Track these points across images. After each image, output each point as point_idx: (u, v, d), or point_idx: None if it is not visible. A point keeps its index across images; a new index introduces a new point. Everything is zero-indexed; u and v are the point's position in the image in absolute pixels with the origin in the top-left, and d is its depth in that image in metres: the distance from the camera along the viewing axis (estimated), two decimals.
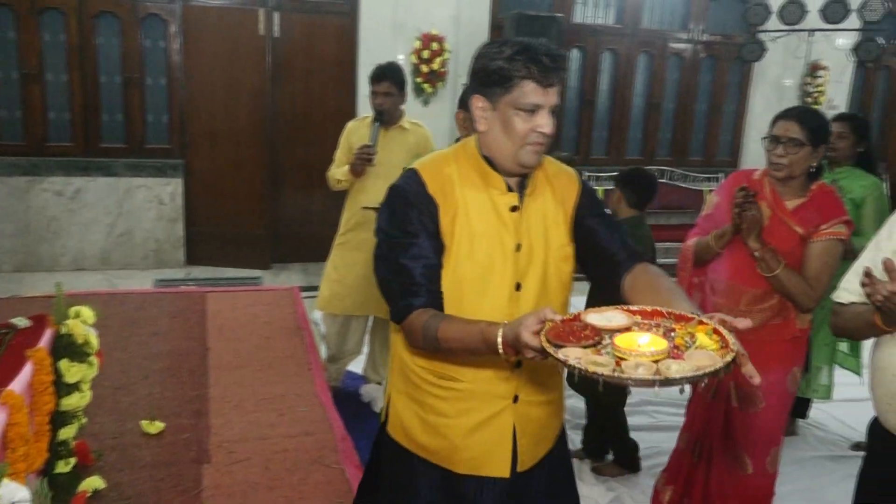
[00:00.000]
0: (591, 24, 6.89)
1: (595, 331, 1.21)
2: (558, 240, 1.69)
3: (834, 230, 2.30)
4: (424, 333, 1.52)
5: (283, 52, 5.94)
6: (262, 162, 5.94)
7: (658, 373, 1.08)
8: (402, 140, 3.61)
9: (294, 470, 2.02)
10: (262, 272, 5.93)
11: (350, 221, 3.67)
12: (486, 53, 1.56)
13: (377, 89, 3.55)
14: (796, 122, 2.30)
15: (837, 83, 7.28)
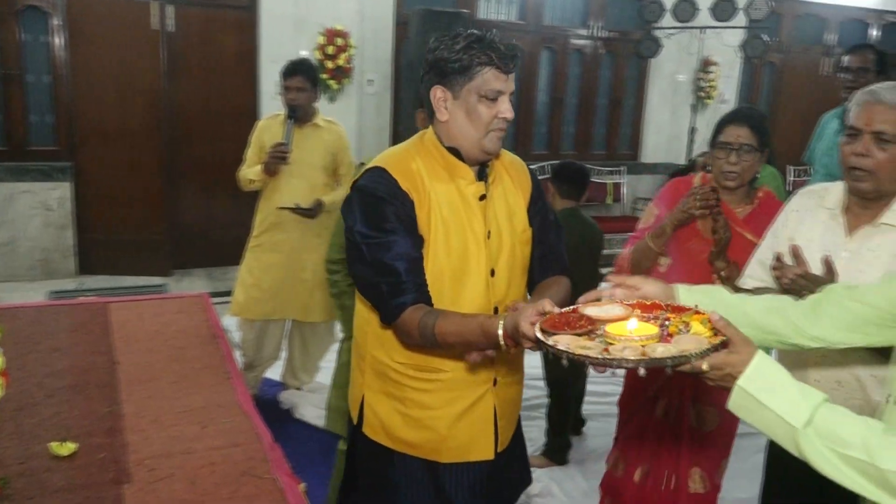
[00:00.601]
0: (494, 21, 6.95)
1: (590, 321, 1.24)
2: (521, 225, 1.75)
3: None
4: (422, 332, 1.52)
5: (179, 48, 5.66)
6: (158, 163, 5.64)
7: (644, 355, 1.09)
8: (318, 138, 3.49)
9: (223, 483, 1.88)
10: (164, 279, 5.63)
11: (265, 222, 3.52)
12: (441, 45, 1.57)
13: (289, 84, 3.41)
14: (748, 126, 2.19)
15: (727, 78, 7.64)
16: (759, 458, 3.33)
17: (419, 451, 1.73)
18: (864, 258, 1.76)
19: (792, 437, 1.13)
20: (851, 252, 1.78)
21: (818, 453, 1.11)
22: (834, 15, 8.40)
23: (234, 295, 3.61)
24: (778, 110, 8.45)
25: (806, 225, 1.88)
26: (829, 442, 1.10)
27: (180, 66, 5.70)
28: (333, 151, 3.52)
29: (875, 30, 8.77)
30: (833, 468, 1.11)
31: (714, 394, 2.27)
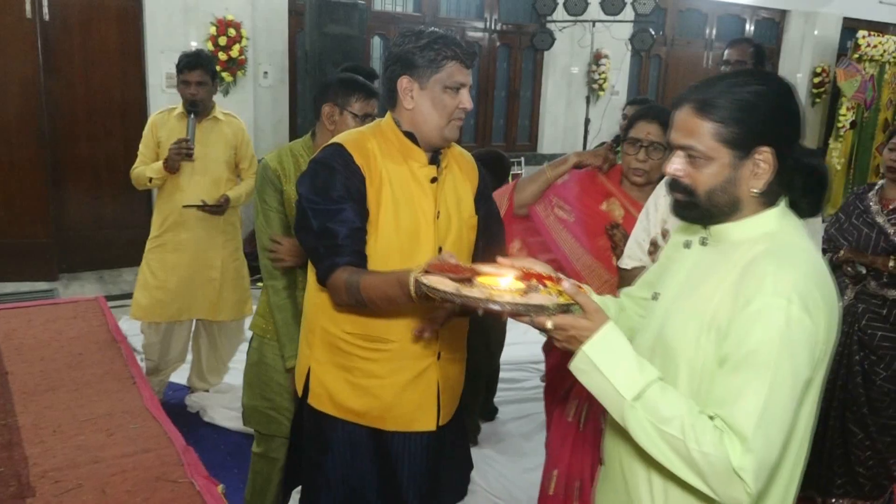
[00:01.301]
0: (391, 12, 6.92)
1: (474, 272, 1.31)
2: (468, 211, 1.87)
3: None
4: (348, 288, 1.62)
5: (56, 38, 5.32)
6: (39, 162, 5.28)
7: (490, 297, 1.16)
8: (219, 132, 3.37)
9: (136, 490, 1.79)
10: (51, 284, 5.29)
11: (167, 222, 3.36)
12: (407, 41, 1.71)
13: (189, 78, 3.24)
14: (658, 124, 2.17)
15: (617, 70, 7.92)
16: None
17: (364, 419, 1.81)
18: None
19: (620, 407, 1.19)
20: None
21: (640, 426, 1.18)
22: (713, 10, 8.86)
23: (135, 298, 3.43)
24: (665, 101, 8.83)
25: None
26: (652, 417, 1.16)
27: (59, 58, 5.35)
28: (234, 145, 3.41)
29: (750, 24, 9.32)
30: (650, 441, 1.18)
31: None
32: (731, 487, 1.14)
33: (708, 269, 1.29)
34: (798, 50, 9.52)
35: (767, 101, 1.22)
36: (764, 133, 1.22)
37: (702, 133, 1.23)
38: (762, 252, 1.22)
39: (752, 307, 1.16)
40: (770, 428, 1.14)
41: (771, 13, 9.41)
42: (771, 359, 1.14)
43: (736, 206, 1.26)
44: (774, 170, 1.23)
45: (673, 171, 1.28)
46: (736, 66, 3.42)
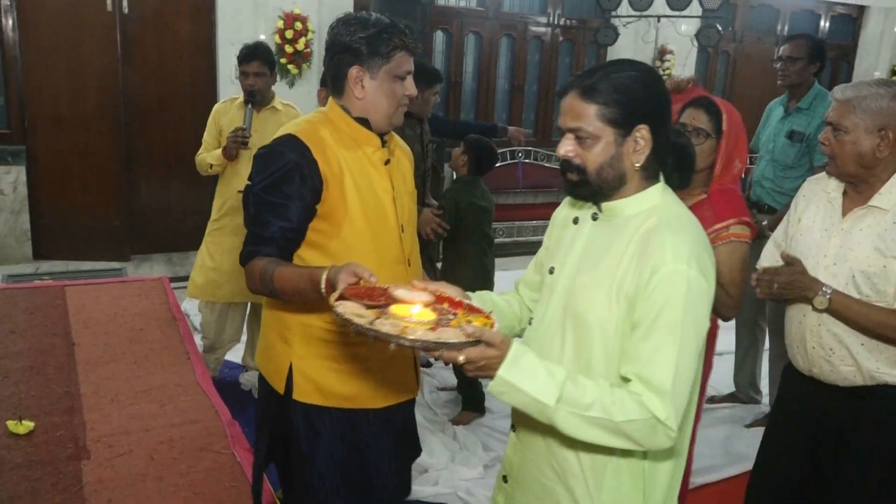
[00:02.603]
0: (454, 7, 6.98)
1: (389, 299, 1.36)
2: (411, 184, 2.00)
3: (735, 231, 2.18)
4: (262, 276, 1.70)
5: (134, 30, 5.57)
6: (114, 148, 5.57)
7: (403, 332, 1.21)
8: (276, 121, 3.49)
9: (181, 459, 1.92)
10: (122, 265, 5.58)
11: (225, 206, 3.53)
12: (354, 29, 1.73)
13: (247, 69, 3.41)
14: (704, 111, 2.21)
15: (683, 67, 7.78)
16: (708, 432, 3.48)
17: (355, 402, 1.85)
18: (854, 237, 1.94)
19: (546, 413, 1.29)
20: (844, 231, 1.97)
21: (567, 422, 1.28)
22: (786, 6, 8.59)
23: (191, 277, 3.60)
24: (732, 99, 8.63)
25: (811, 208, 2.09)
26: (575, 409, 1.27)
27: (136, 50, 5.61)
28: None
29: (825, 20, 9.00)
30: (581, 430, 1.29)
31: None
32: (658, 437, 1.29)
33: (606, 242, 1.41)
34: (876, 47, 9.14)
35: (641, 84, 1.37)
36: (641, 113, 1.36)
37: (588, 115, 1.36)
38: (656, 224, 1.35)
39: (657, 275, 1.30)
40: (682, 378, 1.29)
41: (848, 9, 9.06)
42: (677, 319, 1.29)
43: (622, 181, 1.39)
44: (651, 146, 1.38)
45: (565, 153, 1.40)
46: (786, 63, 3.37)
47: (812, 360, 2.03)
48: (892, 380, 1.94)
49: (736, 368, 3.81)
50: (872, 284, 1.89)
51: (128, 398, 2.26)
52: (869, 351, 1.92)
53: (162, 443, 2.00)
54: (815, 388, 2.06)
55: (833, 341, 1.96)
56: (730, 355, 3.89)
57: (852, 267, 1.92)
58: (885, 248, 1.87)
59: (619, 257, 1.36)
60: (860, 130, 1.91)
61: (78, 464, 1.82)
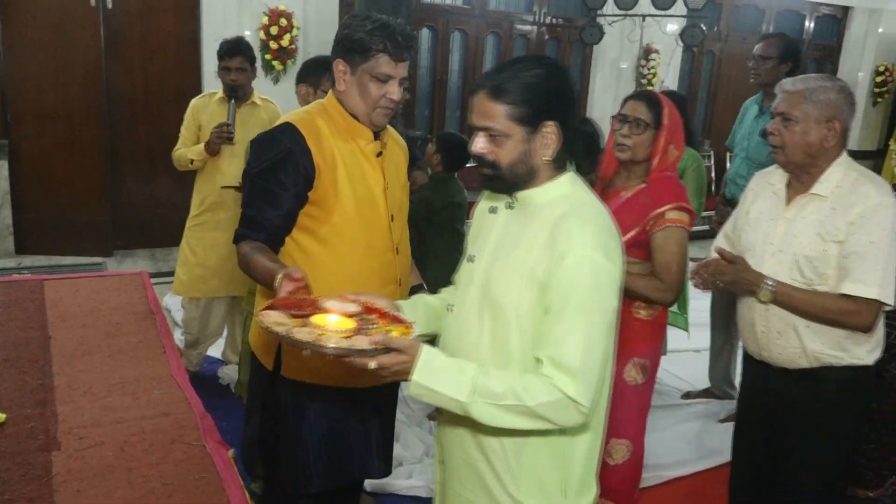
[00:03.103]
0: (440, 4, 7.00)
1: (315, 309, 1.46)
2: (404, 177, 2.06)
3: (672, 217, 2.23)
4: (241, 258, 1.86)
5: (118, 26, 5.58)
6: (99, 143, 5.57)
7: (317, 339, 1.31)
8: (257, 116, 3.53)
9: (152, 450, 1.94)
10: (105, 260, 5.58)
11: (206, 201, 3.54)
12: (350, 24, 1.82)
13: (230, 65, 3.42)
14: (644, 103, 2.30)
15: (668, 66, 7.83)
16: (682, 427, 3.52)
17: (340, 381, 1.91)
18: (797, 225, 2.04)
19: (462, 408, 1.37)
20: (788, 220, 2.06)
21: (482, 412, 1.37)
22: (771, 6, 8.67)
23: (176, 275, 3.63)
24: (717, 98, 8.70)
25: (759, 201, 2.19)
26: (489, 400, 1.36)
27: (120, 45, 5.62)
28: None
29: (810, 21, 9.08)
30: (498, 419, 1.37)
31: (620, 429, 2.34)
32: (570, 414, 1.36)
33: (519, 229, 1.48)
34: (860, 48, 9.23)
35: (548, 82, 1.42)
36: (548, 110, 1.42)
37: (497, 114, 1.41)
38: (565, 212, 1.43)
39: (565, 262, 1.36)
40: (592, 357, 1.37)
41: (833, 9, 9.14)
42: (585, 302, 1.36)
43: (534, 174, 1.46)
44: (559, 140, 1.44)
45: (478, 150, 1.46)
46: (758, 62, 3.42)
47: (761, 343, 2.11)
48: (835, 361, 2.03)
49: (711, 364, 3.86)
50: (814, 268, 1.98)
51: (101, 391, 2.27)
52: (814, 333, 2.01)
53: (133, 435, 2.01)
54: (766, 372, 2.15)
55: (781, 324, 2.05)
56: (705, 352, 3.94)
57: (796, 252, 2.01)
58: (826, 234, 1.96)
59: (531, 244, 1.43)
60: (810, 121, 1.99)
61: (48, 455, 1.83)
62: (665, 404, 3.78)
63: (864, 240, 1.91)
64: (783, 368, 2.10)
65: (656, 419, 3.56)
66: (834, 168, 2.02)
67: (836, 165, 2.02)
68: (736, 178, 3.59)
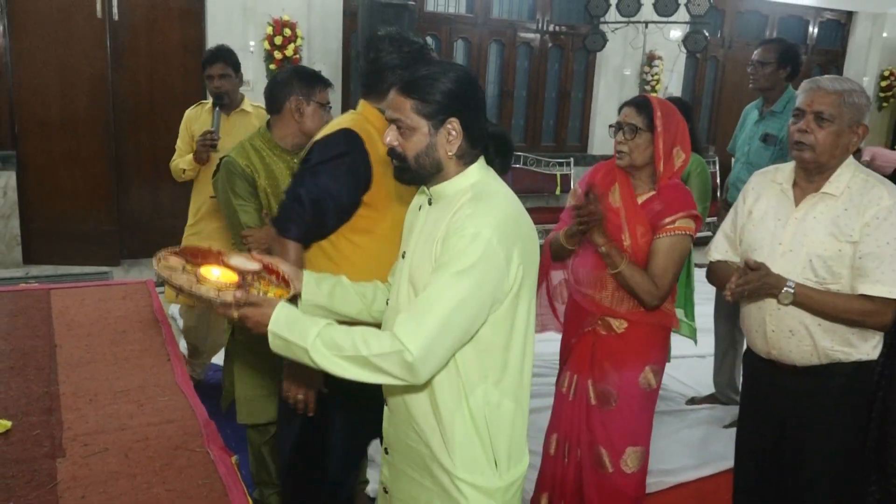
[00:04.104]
0: (443, 13, 7.04)
1: (217, 261, 1.62)
2: None
3: (680, 224, 2.24)
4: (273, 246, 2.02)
5: (124, 37, 5.63)
6: (105, 153, 5.62)
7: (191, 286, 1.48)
8: (247, 124, 3.47)
9: (156, 457, 1.96)
10: (112, 268, 5.62)
11: (200, 211, 3.53)
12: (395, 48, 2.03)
13: (212, 72, 3.41)
14: (634, 108, 2.29)
15: (671, 72, 7.85)
16: (687, 433, 3.52)
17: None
18: (808, 224, 2.04)
19: (308, 354, 1.46)
20: (798, 219, 2.06)
21: (326, 359, 1.45)
22: (774, 11, 8.68)
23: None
24: (721, 104, 8.71)
25: (762, 200, 2.18)
26: (332, 350, 1.44)
27: (126, 56, 5.67)
28: None
29: (814, 26, 9.08)
30: (338, 367, 1.45)
31: (611, 375, 2.36)
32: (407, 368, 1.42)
33: (435, 221, 1.58)
34: (865, 52, 9.23)
35: (454, 83, 1.53)
36: (451, 107, 1.52)
37: (406, 109, 1.53)
38: (469, 197, 1.53)
39: (457, 234, 1.46)
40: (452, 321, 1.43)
41: (836, 14, 9.14)
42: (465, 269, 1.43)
43: (440, 167, 1.56)
44: (462, 136, 1.54)
45: (388, 142, 1.56)
46: (756, 67, 3.44)
47: (771, 342, 2.11)
48: (844, 357, 2.04)
49: (715, 370, 3.86)
50: (828, 268, 1.98)
51: (106, 398, 2.29)
52: (825, 331, 2.03)
53: (137, 441, 2.03)
54: (774, 370, 2.16)
55: (793, 323, 2.05)
56: (710, 357, 3.93)
57: (808, 252, 2.01)
58: (839, 233, 1.97)
59: (441, 227, 1.53)
60: (843, 123, 1.99)
61: (53, 462, 1.85)
62: (670, 410, 3.77)
63: (880, 241, 1.93)
64: (792, 366, 2.11)
65: (661, 425, 3.56)
66: (843, 169, 2.03)
67: (846, 166, 2.03)
68: (737, 182, 3.60)
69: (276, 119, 2.45)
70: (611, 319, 2.36)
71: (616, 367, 2.35)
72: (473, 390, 1.55)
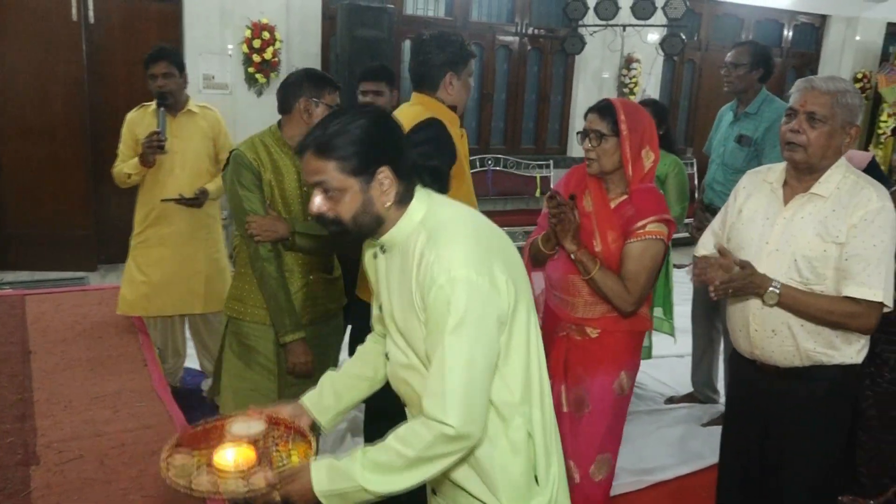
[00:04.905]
0: (422, 16, 7.04)
1: (221, 437, 1.53)
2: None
3: (651, 229, 2.20)
4: None
5: (101, 40, 5.58)
6: (82, 158, 5.56)
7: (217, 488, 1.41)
8: (194, 125, 3.41)
9: (132, 463, 1.94)
10: (89, 274, 5.56)
11: (149, 217, 3.40)
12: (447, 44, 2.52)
13: (155, 71, 3.30)
14: (597, 113, 2.25)
15: (649, 75, 7.91)
16: (666, 431, 3.55)
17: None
18: (796, 224, 2.03)
19: (365, 491, 1.37)
20: (787, 219, 2.06)
21: (384, 484, 1.37)
22: (750, 15, 8.76)
23: (121, 293, 3.37)
24: (698, 106, 8.79)
25: (752, 199, 2.17)
26: (384, 473, 1.37)
27: (103, 60, 5.61)
28: (212, 137, 3.44)
29: (788, 29, 9.19)
30: (400, 483, 1.37)
31: (585, 381, 2.32)
32: (458, 442, 1.35)
33: (399, 269, 1.48)
34: (838, 55, 9.35)
35: (372, 130, 1.42)
36: (377, 157, 1.42)
37: (329, 171, 1.40)
38: (426, 240, 1.41)
39: (433, 290, 1.36)
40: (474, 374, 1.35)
41: (811, 18, 9.26)
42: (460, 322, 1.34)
43: (380, 220, 1.46)
44: (396, 182, 1.44)
45: (317, 210, 1.44)
46: (729, 69, 3.47)
47: (754, 342, 2.12)
48: (826, 359, 2.04)
49: (693, 369, 3.89)
50: (813, 268, 1.98)
51: (81, 405, 2.27)
52: (808, 332, 2.02)
53: (113, 448, 2.01)
54: (757, 371, 2.16)
55: (776, 323, 2.05)
56: (688, 357, 3.97)
57: (794, 252, 2.00)
58: (826, 234, 1.97)
59: (412, 280, 1.43)
60: (837, 123, 1.98)
61: (27, 469, 1.84)
62: (649, 409, 3.80)
63: (867, 243, 1.92)
64: (774, 367, 2.11)
65: (640, 424, 3.59)
66: (834, 170, 2.02)
67: (836, 167, 2.03)
68: (713, 183, 3.63)
69: (286, 119, 2.47)
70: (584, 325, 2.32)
71: (590, 373, 2.32)
72: (511, 419, 1.48)
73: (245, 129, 5.78)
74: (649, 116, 2.29)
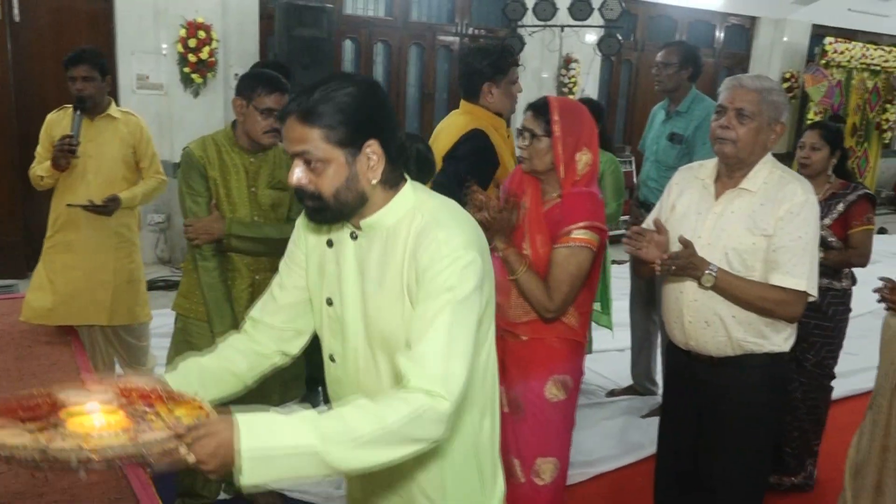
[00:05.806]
0: (362, 16, 7.03)
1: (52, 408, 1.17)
2: None
3: (578, 236, 2.13)
4: None
5: (27, 39, 5.39)
6: (9, 161, 5.37)
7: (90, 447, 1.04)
8: (113, 130, 3.27)
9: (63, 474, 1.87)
10: (18, 281, 5.36)
11: (57, 222, 3.26)
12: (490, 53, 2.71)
13: (75, 74, 3.16)
14: (533, 112, 2.21)
15: (587, 75, 8.05)
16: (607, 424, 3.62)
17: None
18: (727, 218, 2.10)
19: (319, 459, 1.15)
20: (717, 214, 2.12)
21: (347, 458, 1.17)
22: (683, 16, 9.01)
23: (25, 299, 3.22)
24: (635, 105, 8.99)
25: (685, 195, 2.23)
26: (346, 442, 1.16)
27: (30, 60, 5.43)
28: (132, 144, 3.30)
29: (720, 31, 9.48)
30: (367, 460, 1.19)
31: (518, 384, 2.29)
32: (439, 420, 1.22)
33: (381, 255, 1.37)
34: (768, 56, 9.69)
35: (362, 100, 1.30)
36: (367, 128, 1.31)
37: (313, 139, 1.28)
38: (425, 222, 1.33)
39: (432, 269, 1.28)
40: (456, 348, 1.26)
41: (741, 20, 9.57)
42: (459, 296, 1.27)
43: (363, 199, 1.35)
44: (384, 158, 1.33)
45: (296, 181, 1.32)
46: (659, 68, 3.57)
47: (689, 333, 2.18)
48: (756, 348, 2.12)
49: (632, 362, 3.98)
50: (743, 260, 2.06)
51: None
52: (739, 323, 2.10)
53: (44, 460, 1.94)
54: (691, 361, 2.23)
55: (709, 314, 2.12)
56: (628, 350, 4.06)
57: (725, 245, 2.08)
58: (755, 227, 2.04)
59: (401, 264, 1.34)
60: (764, 120, 2.06)
61: None
62: (591, 402, 3.87)
63: (793, 234, 2.01)
64: (708, 357, 2.18)
65: (582, 417, 3.63)
66: (761, 165, 2.11)
67: (763, 163, 2.11)
68: (647, 180, 3.72)
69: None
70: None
71: (522, 376, 2.28)
72: (461, 423, 1.40)
73: (182, 130, 5.73)
74: (590, 117, 2.24)
